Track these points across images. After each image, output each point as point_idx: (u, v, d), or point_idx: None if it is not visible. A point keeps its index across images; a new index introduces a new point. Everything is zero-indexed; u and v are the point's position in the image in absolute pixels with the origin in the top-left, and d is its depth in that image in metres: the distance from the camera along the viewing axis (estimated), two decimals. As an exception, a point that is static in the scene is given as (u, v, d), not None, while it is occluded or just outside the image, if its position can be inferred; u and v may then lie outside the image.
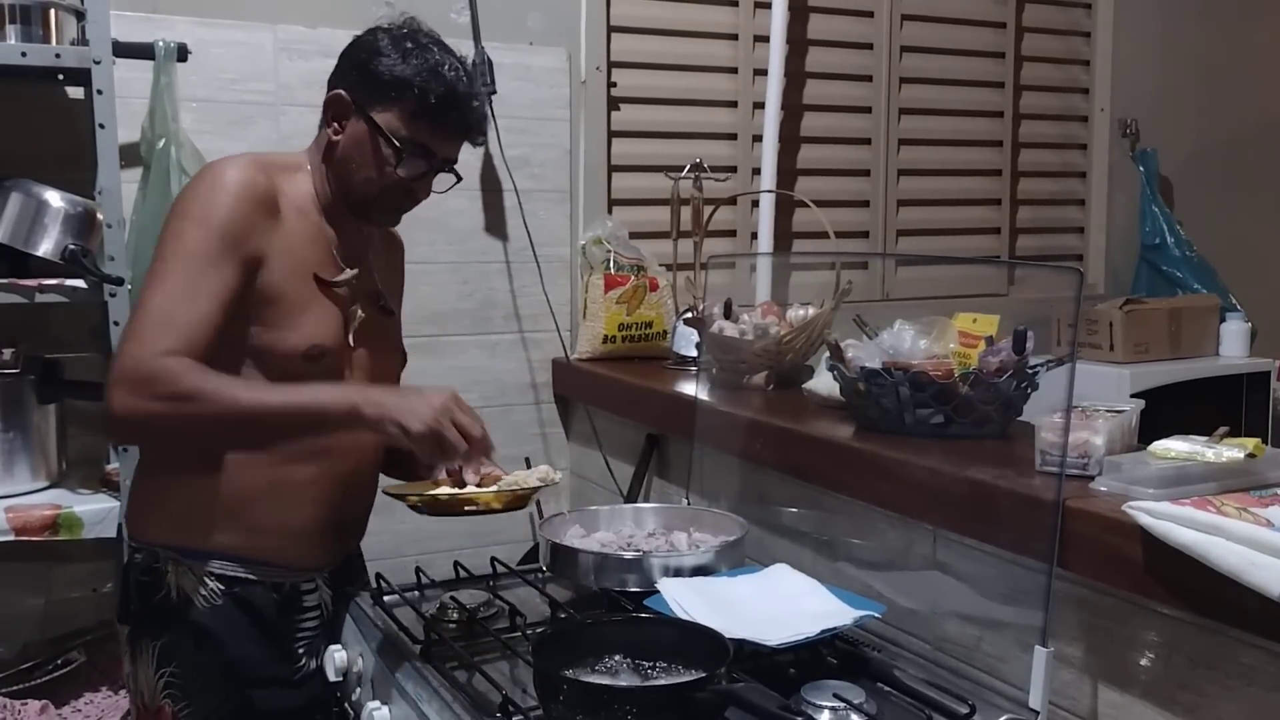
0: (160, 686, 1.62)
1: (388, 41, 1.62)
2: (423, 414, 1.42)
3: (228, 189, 1.54)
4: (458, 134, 1.66)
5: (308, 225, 1.65)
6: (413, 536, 2.25)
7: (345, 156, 1.65)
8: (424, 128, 1.61)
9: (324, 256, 1.67)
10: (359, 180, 1.65)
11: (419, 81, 1.59)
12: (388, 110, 1.61)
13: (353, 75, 1.64)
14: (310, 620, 1.72)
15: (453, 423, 1.43)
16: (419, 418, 1.42)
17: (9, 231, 1.97)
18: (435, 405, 1.43)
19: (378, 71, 1.60)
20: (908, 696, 1.42)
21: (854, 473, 1.67)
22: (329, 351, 1.64)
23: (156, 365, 1.43)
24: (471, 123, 1.66)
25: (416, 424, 1.41)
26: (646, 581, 1.62)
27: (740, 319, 2.17)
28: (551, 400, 2.74)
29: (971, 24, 3.28)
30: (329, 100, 1.66)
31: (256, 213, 1.57)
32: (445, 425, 1.42)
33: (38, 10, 1.97)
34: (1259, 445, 1.32)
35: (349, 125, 1.64)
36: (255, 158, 1.64)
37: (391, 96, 1.60)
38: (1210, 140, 3.65)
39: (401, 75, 1.59)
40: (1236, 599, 1.11)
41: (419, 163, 1.64)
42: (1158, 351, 3.10)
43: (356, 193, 1.66)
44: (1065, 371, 1.48)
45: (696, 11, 2.90)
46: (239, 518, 1.63)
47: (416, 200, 1.70)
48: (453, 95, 1.61)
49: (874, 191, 3.18)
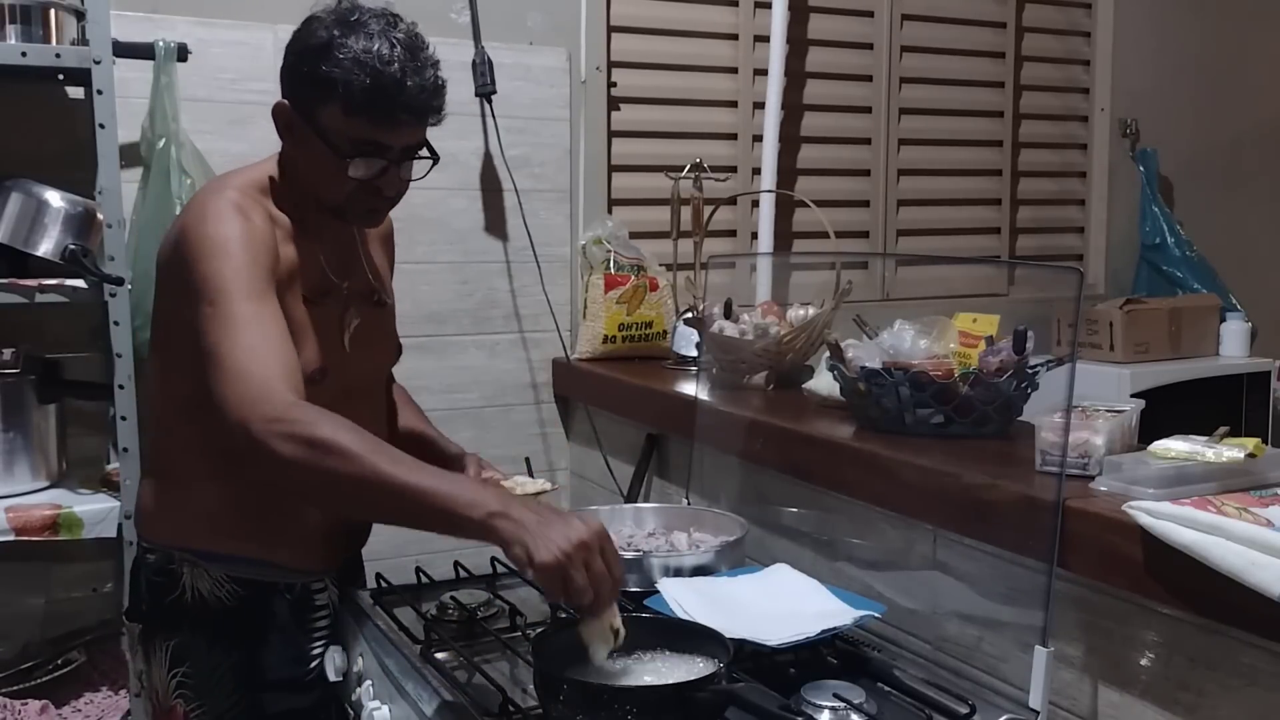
0: (173, 686, 1.62)
1: (320, 33, 1.49)
2: (558, 545, 1.22)
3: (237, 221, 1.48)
4: (401, 120, 1.51)
5: (294, 245, 1.59)
6: (413, 536, 2.21)
7: (304, 168, 1.57)
8: (363, 122, 1.48)
9: (314, 274, 1.62)
10: (321, 190, 1.56)
11: (341, 75, 1.46)
12: (324, 112, 1.49)
13: (289, 80, 1.54)
14: (322, 620, 1.73)
15: (586, 564, 1.23)
16: (551, 548, 1.21)
17: (9, 231, 1.97)
18: (573, 540, 1.22)
19: (306, 72, 1.49)
20: (908, 696, 1.41)
21: (854, 473, 1.67)
22: (330, 369, 1.62)
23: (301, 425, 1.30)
24: (413, 104, 1.49)
25: (545, 554, 1.21)
26: (646, 581, 1.62)
27: (740, 319, 2.17)
28: (551, 400, 2.74)
29: (971, 24, 3.28)
30: (274, 112, 1.56)
31: (262, 246, 1.50)
32: (576, 566, 1.22)
33: (38, 10, 1.98)
34: (1259, 445, 1.32)
35: (298, 133, 1.54)
36: (239, 188, 1.55)
37: (323, 96, 1.48)
38: (1210, 140, 3.65)
39: (326, 73, 1.46)
40: (1236, 599, 1.11)
41: (372, 160, 1.52)
42: (1158, 351, 3.10)
43: (324, 200, 1.58)
44: (1065, 371, 1.48)
45: (696, 11, 2.90)
46: (254, 520, 1.62)
47: (387, 198, 1.59)
48: (383, 81, 1.46)
49: (874, 191, 3.18)
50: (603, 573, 1.24)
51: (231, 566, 1.63)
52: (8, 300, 1.94)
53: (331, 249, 1.66)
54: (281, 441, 1.29)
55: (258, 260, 1.47)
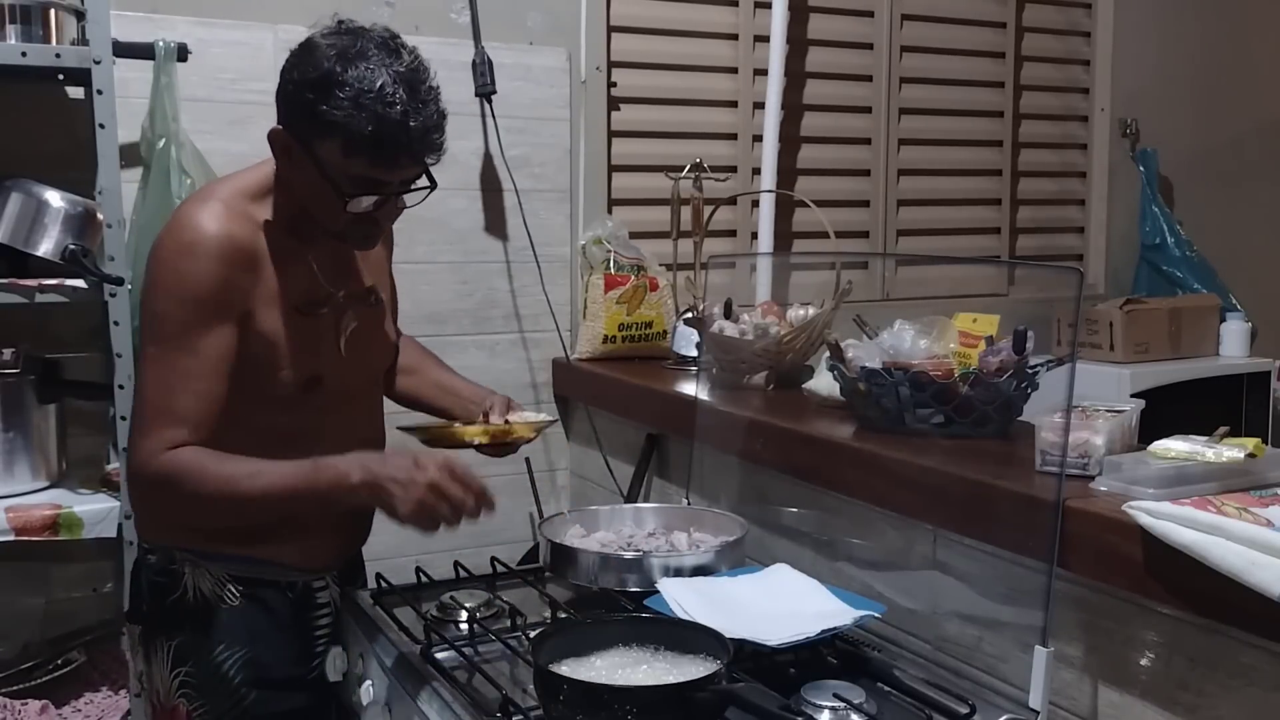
0: (175, 686, 1.63)
1: (320, 67, 1.46)
2: (412, 495, 1.42)
3: (204, 254, 1.49)
4: (401, 162, 1.51)
5: (287, 255, 1.59)
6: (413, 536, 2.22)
7: (300, 192, 1.56)
8: (362, 162, 1.48)
9: (308, 283, 1.62)
10: (318, 215, 1.57)
11: (342, 118, 1.44)
12: (323, 145, 1.49)
13: (287, 108, 1.53)
14: (324, 618, 1.74)
15: (443, 496, 1.42)
16: (408, 500, 1.42)
17: (9, 231, 1.97)
18: (421, 483, 1.41)
19: (305, 105, 1.48)
20: (908, 696, 1.42)
21: (854, 473, 1.67)
22: (326, 375, 1.63)
23: (158, 468, 1.48)
24: (414, 146, 1.49)
25: (404, 507, 1.42)
26: (646, 581, 1.63)
27: (740, 319, 2.17)
28: (551, 400, 2.74)
29: (971, 24, 3.28)
30: (270, 137, 1.54)
31: (235, 272, 1.52)
32: (437, 503, 1.42)
33: (38, 10, 1.97)
34: (1259, 445, 1.32)
35: (295, 158, 1.53)
36: (226, 200, 1.55)
37: (323, 133, 1.47)
38: (1210, 140, 3.65)
39: (326, 113, 1.45)
40: (1236, 599, 1.11)
41: (369, 196, 1.52)
42: (1158, 351, 3.10)
43: (321, 225, 1.58)
44: (1065, 371, 1.48)
45: (696, 11, 2.90)
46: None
47: (383, 227, 1.61)
48: (382, 125, 1.44)
49: (874, 191, 3.18)
50: (460, 497, 1.42)
51: (233, 565, 1.64)
52: (8, 300, 1.94)
53: (325, 254, 1.66)
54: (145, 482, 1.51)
55: (209, 295, 1.51)
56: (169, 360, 1.50)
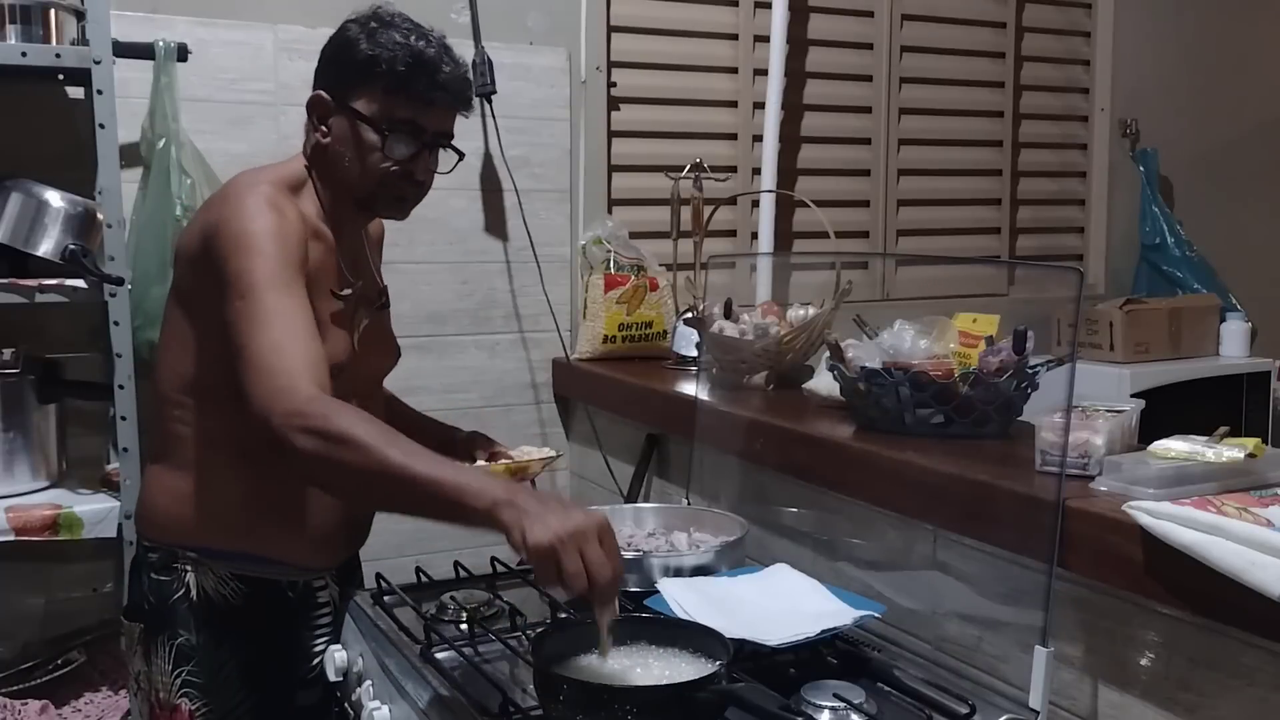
0: (177, 685, 1.63)
1: (355, 29, 1.59)
2: (552, 529, 1.19)
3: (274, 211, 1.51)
4: (437, 100, 1.60)
5: (321, 242, 1.63)
6: (413, 536, 2.24)
7: (336, 155, 1.61)
8: (401, 101, 1.57)
9: (334, 271, 1.65)
10: (354, 176, 1.61)
11: (384, 55, 1.55)
12: (363, 95, 1.58)
13: (327, 72, 1.62)
14: (324, 617, 1.74)
15: (580, 550, 1.20)
16: (546, 530, 1.20)
17: (9, 231, 1.97)
18: (569, 526, 1.20)
19: (346, 59, 1.58)
20: (908, 696, 1.42)
21: (854, 473, 1.67)
22: (344, 367, 1.62)
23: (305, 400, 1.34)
24: (450, 86, 1.60)
25: (538, 535, 1.20)
26: (646, 581, 1.63)
27: (740, 319, 2.17)
28: (551, 400, 2.74)
29: (971, 24, 3.28)
30: (310, 104, 1.63)
31: (300, 230, 1.55)
32: (569, 550, 1.19)
33: (38, 10, 1.98)
34: (1259, 445, 1.32)
35: (333, 123, 1.61)
36: (273, 182, 1.58)
37: (364, 79, 1.57)
38: (1210, 140, 3.65)
39: (368, 54, 1.56)
40: (1236, 599, 1.11)
41: (407, 141, 1.59)
42: (1158, 351, 3.10)
43: (356, 190, 1.62)
44: (1065, 371, 1.48)
45: (696, 11, 2.90)
46: (257, 517, 1.63)
47: (419, 183, 1.64)
48: (422, 61, 1.56)
49: (874, 191, 3.18)
50: (599, 560, 1.20)
51: (235, 564, 1.64)
52: (8, 300, 1.94)
53: (346, 251, 1.69)
54: (299, 435, 1.32)
55: (289, 254, 1.50)
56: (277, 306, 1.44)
